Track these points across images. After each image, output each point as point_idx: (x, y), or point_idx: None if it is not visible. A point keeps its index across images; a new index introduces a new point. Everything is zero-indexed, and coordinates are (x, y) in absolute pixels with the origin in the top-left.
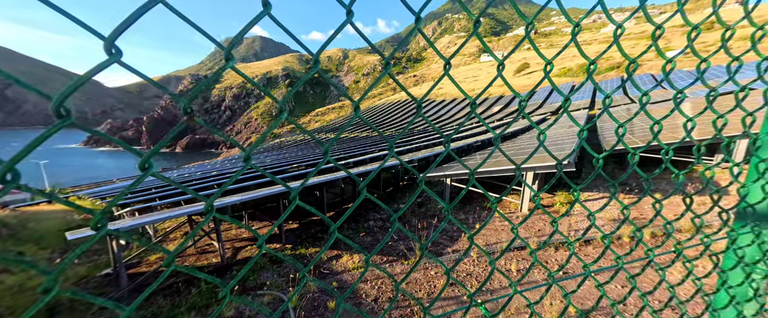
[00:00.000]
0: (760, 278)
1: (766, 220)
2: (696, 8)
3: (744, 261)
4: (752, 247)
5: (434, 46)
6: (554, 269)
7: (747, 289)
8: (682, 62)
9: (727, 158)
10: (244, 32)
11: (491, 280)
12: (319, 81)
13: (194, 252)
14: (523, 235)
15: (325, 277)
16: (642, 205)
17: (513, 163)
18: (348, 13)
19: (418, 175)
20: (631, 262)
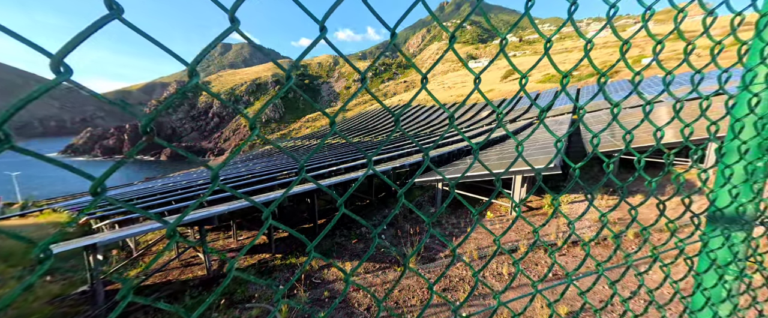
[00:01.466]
0: (732, 279)
1: (734, 223)
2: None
3: (716, 263)
4: (723, 249)
5: (412, 62)
6: (545, 270)
7: (721, 291)
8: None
9: (695, 165)
10: (209, 48)
11: (481, 286)
12: (309, 87)
13: (179, 265)
14: (513, 238)
15: (317, 287)
16: (626, 206)
17: (490, 172)
18: (321, 29)
19: (398, 189)
20: (610, 267)
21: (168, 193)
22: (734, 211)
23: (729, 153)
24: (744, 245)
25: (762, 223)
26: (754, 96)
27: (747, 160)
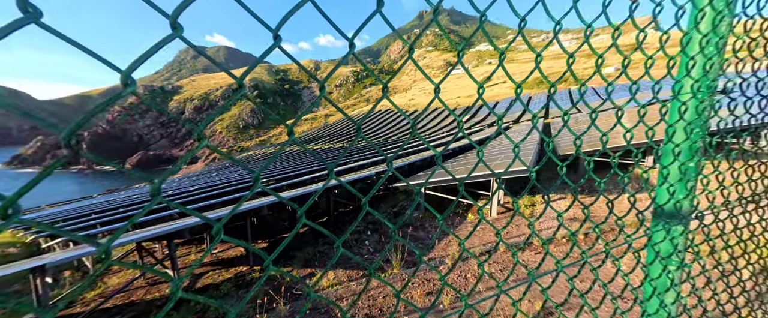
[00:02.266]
0: (674, 269)
1: (673, 218)
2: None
3: (660, 255)
4: (665, 242)
5: (374, 73)
6: (522, 269)
7: (666, 280)
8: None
9: (637, 166)
10: (147, 56)
11: (464, 287)
12: (290, 92)
13: (143, 284)
14: (492, 240)
15: (298, 299)
16: (596, 205)
17: (454, 177)
18: (275, 38)
19: (362, 197)
20: (569, 265)
21: (131, 207)
22: (672, 207)
23: (665, 155)
24: (683, 238)
25: (696, 217)
26: (683, 104)
27: (680, 161)
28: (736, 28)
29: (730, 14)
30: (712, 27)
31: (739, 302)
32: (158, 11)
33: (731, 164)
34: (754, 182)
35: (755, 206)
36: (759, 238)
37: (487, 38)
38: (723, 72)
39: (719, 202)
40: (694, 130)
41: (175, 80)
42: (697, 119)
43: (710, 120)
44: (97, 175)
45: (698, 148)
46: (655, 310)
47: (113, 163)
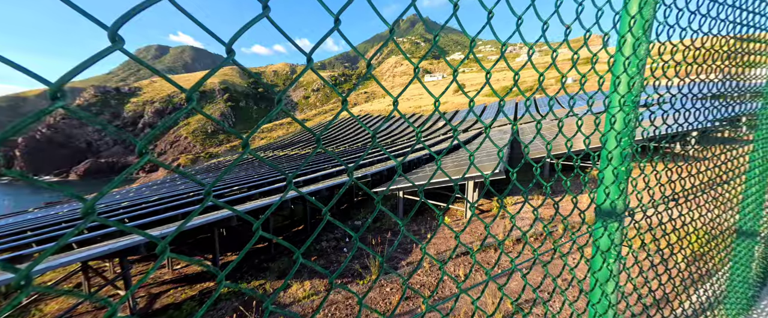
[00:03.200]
0: (612, 262)
1: (609, 217)
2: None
3: (600, 250)
4: (604, 238)
5: (331, 83)
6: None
7: (606, 272)
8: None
9: (578, 171)
10: (83, 67)
11: (441, 287)
12: (264, 96)
13: (90, 308)
14: (467, 240)
15: (272, 312)
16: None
17: (413, 184)
18: (228, 52)
19: (322, 207)
20: (523, 262)
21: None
22: (609, 207)
23: (602, 160)
24: (618, 233)
25: (629, 215)
26: (613, 116)
27: (613, 165)
28: (652, 51)
29: (646, 40)
30: (633, 51)
31: (667, 289)
32: (97, 23)
33: (654, 167)
34: (673, 183)
35: (675, 204)
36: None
37: (443, 56)
38: (643, 89)
39: (646, 200)
40: (623, 138)
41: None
42: (625, 129)
43: (636, 130)
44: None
45: (627, 154)
46: (597, 300)
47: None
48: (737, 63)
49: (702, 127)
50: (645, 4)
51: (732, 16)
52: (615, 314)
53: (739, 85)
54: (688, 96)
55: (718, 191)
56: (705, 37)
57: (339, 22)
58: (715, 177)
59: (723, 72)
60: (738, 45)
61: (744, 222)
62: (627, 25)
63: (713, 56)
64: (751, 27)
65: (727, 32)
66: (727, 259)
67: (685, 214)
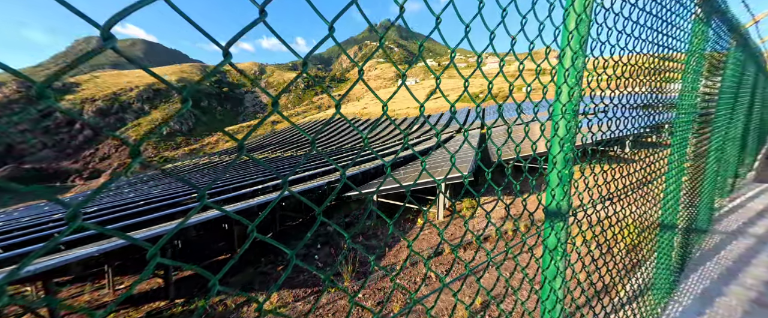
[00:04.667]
0: (558, 259)
1: (555, 217)
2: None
3: (548, 248)
4: (551, 237)
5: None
6: (464, 270)
7: (553, 269)
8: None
9: (526, 174)
10: None
11: (413, 289)
12: (230, 96)
13: None
14: (438, 241)
15: None
16: (518, 204)
17: (360, 192)
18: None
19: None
20: (477, 266)
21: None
22: (555, 207)
23: (548, 164)
24: (564, 232)
25: (573, 215)
26: (556, 123)
27: (558, 169)
28: (589, 65)
29: (582, 54)
30: (572, 63)
31: (606, 280)
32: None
33: (592, 170)
34: (608, 184)
35: (611, 202)
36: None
37: (395, 66)
38: (581, 98)
39: (586, 200)
40: (566, 144)
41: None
42: (566, 135)
43: (576, 136)
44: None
45: (570, 158)
46: (546, 296)
47: None
48: (658, 78)
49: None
50: (580, 22)
51: (651, 37)
52: (562, 308)
53: (660, 97)
54: (618, 106)
55: (645, 190)
56: (631, 54)
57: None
58: (643, 177)
59: (648, 86)
60: (657, 63)
61: (665, 216)
62: (566, 39)
63: (638, 72)
64: (666, 48)
65: (648, 51)
66: (653, 250)
67: (618, 211)
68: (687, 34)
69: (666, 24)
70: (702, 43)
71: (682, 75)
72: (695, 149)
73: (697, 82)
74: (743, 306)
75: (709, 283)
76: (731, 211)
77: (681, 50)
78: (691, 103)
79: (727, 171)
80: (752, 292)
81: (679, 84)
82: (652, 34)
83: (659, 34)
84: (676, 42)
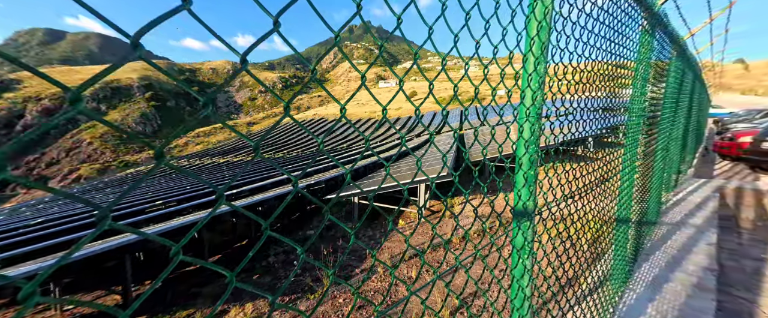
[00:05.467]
0: (525, 257)
1: (522, 217)
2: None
3: (515, 248)
4: (518, 237)
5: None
6: (446, 267)
7: (521, 268)
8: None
9: (493, 177)
10: None
11: (393, 293)
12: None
13: None
14: (419, 241)
15: None
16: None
17: (336, 196)
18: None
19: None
20: (446, 271)
21: None
22: (522, 208)
23: (516, 166)
24: (530, 231)
25: (538, 214)
26: (521, 126)
27: (523, 170)
28: (551, 70)
29: (544, 60)
30: (534, 68)
31: (569, 274)
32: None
33: (555, 170)
34: (570, 183)
35: (573, 200)
36: (583, 220)
37: (354, 67)
38: (543, 102)
39: (551, 199)
40: (531, 146)
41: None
42: (531, 137)
43: (540, 138)
44: None
45: (535, 159)
46: (515, 295)
47: None
48: (613, 84)
49: (593, 134)
50: (541, 28)
51: (605, 46)
52: (530, 305)
53: (615, 101)
54: (578, 110)
55: (603, 187)
56: (588, 61)
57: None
58: (601, 176)
59: (604, 90)
60: (611, 70)
61: (620, 211)
62: (529, 45)
63: (595, 77)
64: (618, 56)
65: (603, 59)
66: (611, 243)
67: (580, 208)
68: (635, 44)
69: (618, 34)
70: (648, 52)
71: (633, 81)
72: (644, 149)
73: (645, 88)
74: (687, 291)
75: (658, 270)
76: (675, 204)
77: (631, 58)
78: (641, 106)
79: (671, 168)
80: (693, 277)
81: (630, 89)
82: (606, 43)
83: (612, 44)
84: (626, 51)
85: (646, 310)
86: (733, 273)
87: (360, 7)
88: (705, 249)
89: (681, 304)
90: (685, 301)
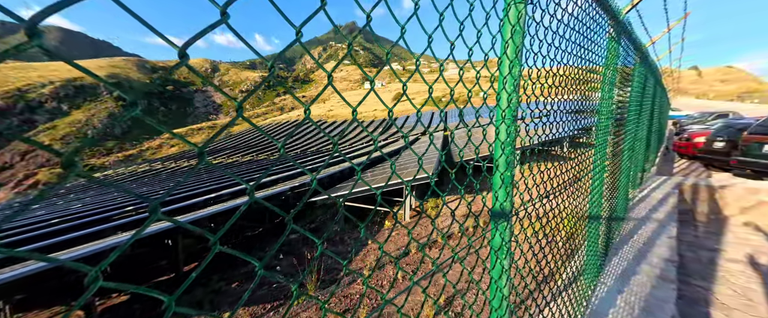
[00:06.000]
0: (503, 258)
1: (499, 218)
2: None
3: (493, 248)
4: (496, 237)
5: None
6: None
7: (499, 268)
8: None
9: (471, 179)
10: None
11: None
12: (175, 95)
13: None
14: (406, 242)
15: None
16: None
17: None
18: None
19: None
20: (423, 276)
21: None
22: (499, 209)
23: (493, 167)
24: (508, 231)
25: (515, 214)
26: (497, 128)
27: (499, 172)
28: (524, 73)
29: (518, 63)
30: (509, 71)
31: (545, 272)
32: None
33: (531, 171)
34: (545, 182)
35: (548, 199)
36: (560, 216)
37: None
38: (519, 105)
39: (526, 199)
40: (507, 148)
41: None
42: (507, 139)
43: (516, 140)
44: None
45: (511, 161)
46: (493, 296)
47: None
48: (584, 88)
49: (568, 135)
50: (515, 32)
51: (576, 51)
52: (508, 305)
53: (587, 104)
54: (552, 112)
55: (577, 185)
56: (560, 66)
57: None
58: (575, 174)
59: (576, 94)
60: (582, 74)
61: (592, 208)
62: (504, 48)
63: (567, 81)
64: (588, 61)
65: (574, 63)
66: (584, 239)
67: (555, 207)
68: (603, 50)
69: (587, 40)
70: (615, 58)
71: (601, 85)
72: (613, 149)
73: (612, 92)
74: (651, 281)
75: (626, 263)
76: (641, 200)
77: (600, 64)
78: (609, 109)
79: (637, 166)
80: (657, 269)
81: (599, 92)
82: (576, 48)
83: (582, 49)
84: (595, 56)
85: (616, 302)
86: (691, 263)
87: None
88: (667, 242)
89: (646, 295)
90: (650, 292)
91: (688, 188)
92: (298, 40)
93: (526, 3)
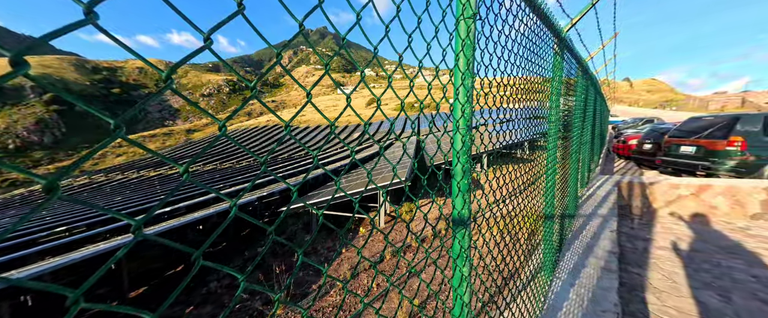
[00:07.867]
0: (462, 266)
1: (459, 225)
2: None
3: (452, 257)
4: (455, 245)
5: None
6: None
7: (458, 276)
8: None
9: (441, 184)
10: None
11: (354, 306)
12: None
13: None
14: (380, 248)
15: None
16: (449, 207)
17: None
18: None
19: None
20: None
21: None
22: (457, 216)
23: (454, 175)
24: (467, 238)
25: (473, 221)
26: (452, 138)
27: (457, 180)
28: (477, 84)
29: (470, 74)
30: (461, 82)
31: (505, 273)
32: None
33: (487, 176)
34: (506, 184)
35: (503, 204)
36: (519, 218)
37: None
38: (472, 114)
39: (484, 205)
40: (462, 156)
41: None
42: (462, 148)
43: (471, 148)
44: None
45: (467, 169)
46: (453, 304)
47: None
48: (534, 97)
49: (522, 140)
50: (466, 46)
51: (524, 64)
52: (469, 311)
53: (538, 111)
54: (505, 120)
55: (533, 187)
56: (511, 77)
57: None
58: (530, 177)
59: (527, 102)
60: (531, 85)
61: (547, 207)
62: (456, 60)
63: (519, 91)
64: (536, 73)
65: (524, 75)
66: (541, 236)
67: (513, 208)
68: (549, 64)
69: (534, 54)
70: (560, 70)
71: (549, 95)
72: (562, 152)
73: (559, 100)
74: (597, 273)
75: (577, 257)
76: (588, 198)
77: (547, 75)
78: (557, 116)
79: (583, 167)
80: (602, 260)
81: (548, 101)
82: (524, 61)
83: (530, 63)
84: (542, 69)
85: (569, 294)
86: (629, 254)
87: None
88: (609, 235)
89: (593, 286)
90: (596, 283)
91: (625, 185)
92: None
93: (474, 19)
